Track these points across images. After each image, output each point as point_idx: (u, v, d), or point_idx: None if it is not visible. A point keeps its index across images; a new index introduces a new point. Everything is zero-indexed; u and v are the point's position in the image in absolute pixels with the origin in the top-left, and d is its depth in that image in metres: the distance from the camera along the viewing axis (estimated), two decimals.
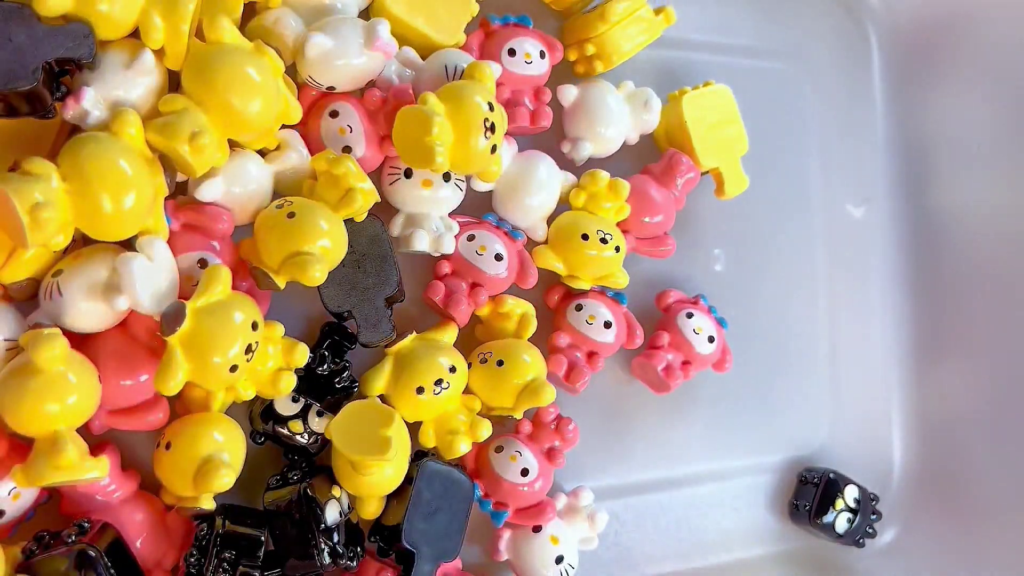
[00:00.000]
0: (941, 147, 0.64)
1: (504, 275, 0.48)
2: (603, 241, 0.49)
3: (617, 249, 0.50)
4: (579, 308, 0.51)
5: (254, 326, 0.39)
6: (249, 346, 0.38)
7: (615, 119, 0.52)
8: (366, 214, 0.43)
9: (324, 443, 0.45)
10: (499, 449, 0.48)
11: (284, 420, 0.44)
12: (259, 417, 0.45)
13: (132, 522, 0.41)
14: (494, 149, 0.44)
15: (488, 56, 0.49)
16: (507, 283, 0.49)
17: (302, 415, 0.44)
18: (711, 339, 0.53)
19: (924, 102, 0.65)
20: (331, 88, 0.45)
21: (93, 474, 0.37)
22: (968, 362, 0.62)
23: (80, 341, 0.39)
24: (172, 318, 0.37)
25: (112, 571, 0.38)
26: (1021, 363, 0.58)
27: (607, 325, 0.50)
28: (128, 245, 0.39)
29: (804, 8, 0.59)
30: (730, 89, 0.55)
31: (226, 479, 0.39)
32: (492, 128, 0.43)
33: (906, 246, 0.64)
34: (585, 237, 0.49)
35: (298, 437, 0.44)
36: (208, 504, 0.41)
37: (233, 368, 0.38)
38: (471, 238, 0.48)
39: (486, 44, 0.50)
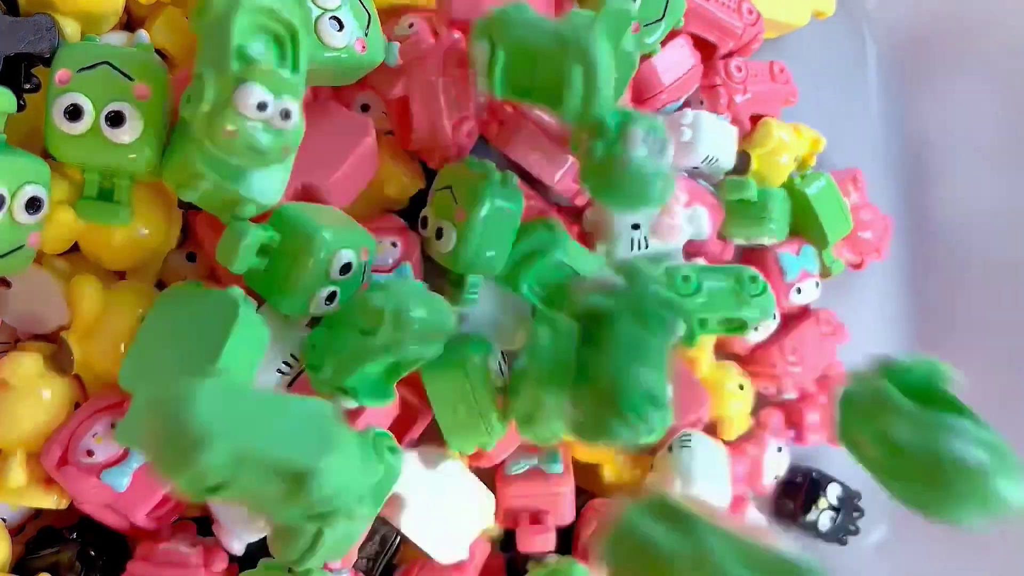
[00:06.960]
0: (937, 146, 0.64)
1: None
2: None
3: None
4: None
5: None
6: None
7: None
8: None
9: None
10: None
11: None
12: None
13: None
14: None
15: None
16: None
17: None
18: None
19: (920, 102, 0.65)
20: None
21: (44, 504, 0.37)
22: (961, 360, 0.60)
23: None
24: (63, 354, 0.37)
25: (110, 571, 0.39)
26: (1016, 361, 0.58)
27: None
28: None
29: None
30: None
31: None
32: None
33: (900, 244, 0.64)
34: None
35: None
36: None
37: None
38: None
39: None
